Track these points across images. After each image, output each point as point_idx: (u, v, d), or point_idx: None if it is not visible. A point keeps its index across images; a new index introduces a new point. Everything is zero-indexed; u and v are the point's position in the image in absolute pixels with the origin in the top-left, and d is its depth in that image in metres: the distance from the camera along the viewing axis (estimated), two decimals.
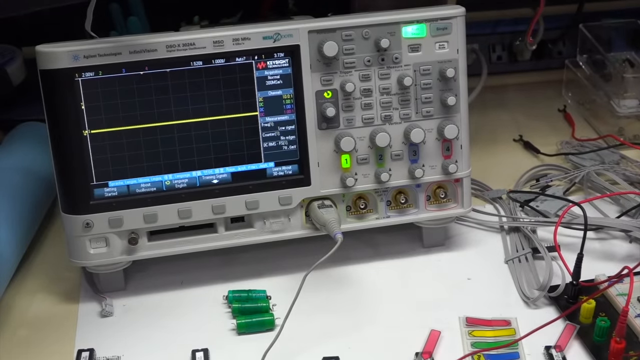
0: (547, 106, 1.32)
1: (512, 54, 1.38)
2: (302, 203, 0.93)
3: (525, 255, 0.95)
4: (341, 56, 0.90)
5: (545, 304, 0.90)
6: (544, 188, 1.10)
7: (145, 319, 0.90)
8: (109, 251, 0.90)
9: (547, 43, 1.36)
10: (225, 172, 0.91)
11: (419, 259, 0.98)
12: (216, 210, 0.91)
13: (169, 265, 0.96)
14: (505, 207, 1.06)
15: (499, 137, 1.23)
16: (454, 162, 0.94)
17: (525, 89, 1.37)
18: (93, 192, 0.89)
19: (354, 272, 0.96)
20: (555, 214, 1.04)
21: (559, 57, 1.37)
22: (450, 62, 0.92)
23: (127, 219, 0.89)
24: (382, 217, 0.96)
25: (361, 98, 0.91)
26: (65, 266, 0.95)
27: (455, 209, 0.97)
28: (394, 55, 0.91)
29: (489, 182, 1.11)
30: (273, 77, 0.90)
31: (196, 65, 0.88)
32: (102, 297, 0.92)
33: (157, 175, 0.90)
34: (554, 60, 1.38)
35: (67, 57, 0.84)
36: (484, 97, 1.27)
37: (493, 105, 1.32)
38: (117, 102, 0.87)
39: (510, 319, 0.87)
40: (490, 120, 1.28)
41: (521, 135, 1.23)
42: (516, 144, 1.22)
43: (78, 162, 0.87)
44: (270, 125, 0.91)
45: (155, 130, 0.88)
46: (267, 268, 0.97)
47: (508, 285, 0.93)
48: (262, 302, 0.89)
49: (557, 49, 1.38)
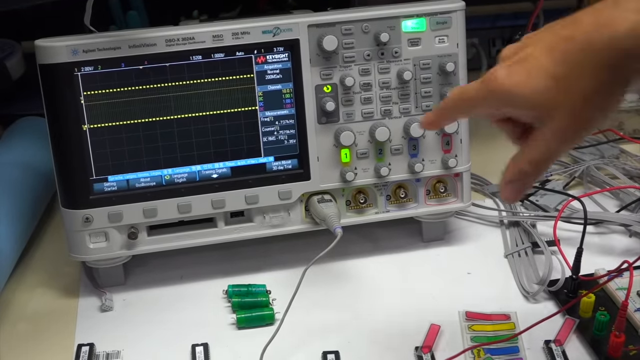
0: None
1: None
2: (302, 197, 0.93)
3: (524, 249, 0.95)
4: (341, 50, 0.90)
5: (545, 298, 0.90)
6: (543, 182, 1.10)
7: (145, 314, 0.90)
8: (108, 246, 0.90)
9: None
10: (225, 167, 0.91)
11: (419, 253, 0.98)
12: (216, 205, 0.91)
13: (169, 259, 0.96)
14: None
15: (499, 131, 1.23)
16: (454, 156, 0.94)
17: None
18: (92, 187, 0.89)
19: (354, 266, 0.96)
20: (555, 208, 1.04)
21: None
22: (450, 57, 0.92)
23: (127, 213, 0.89)
24: (381, 211, 0.96)
25: (361, 92, 0.91)
26: (65, 261, 0.95)
27: (454, 203, 0.97)
28: (394, 49, 0.91)
29: (488, 176, 1.11)
30: (272, 71, 0.90)
31: (195, 59, 0.87)
32: (101, 292, 0.92)
33: (156, 170, 0.89)
34: None
35: (67, 52, 0.84)
36: None
37: None
38: (117, 96, 0.87)
39: (509, 313, 0.87)
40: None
41: None
42: None
43: (77, 157, 0.87)
44: (269, 120, 0.91)
45: (154, 125, 0.88)
46: (267, 262, 0.97)
47: (508, 280, 0.93)
48: (262, 297, 0.90)
49: None
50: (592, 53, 0.61)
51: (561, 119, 0.64)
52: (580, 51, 0.62)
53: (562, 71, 0.63)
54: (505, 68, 0.66)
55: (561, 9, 1.33)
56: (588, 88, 0.62)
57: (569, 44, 0.63)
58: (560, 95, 0.63)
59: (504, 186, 0.70)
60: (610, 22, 0.60)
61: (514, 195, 0.70)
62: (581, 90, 0.62)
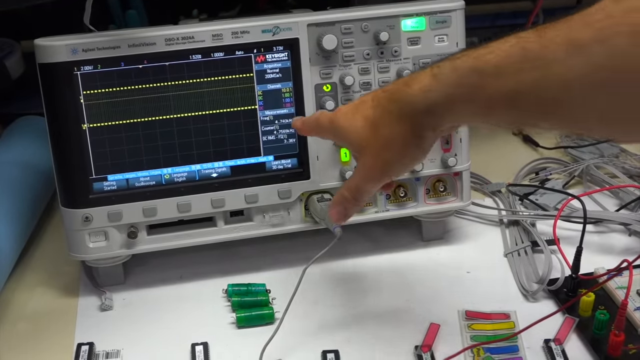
0: None
1: None
2: (302, 197, 0.93)
3: (524, 248, 0.95)
4: (340, 49, 0.90)
5: (545, 297, 0.90)
6: (543, 181, 1.10)
7: (145, 313, 0.90)
8: (108, 245, 0.90)
9: None
10: (225, 166, 0.91)
11: (418, 252, 0.99)
12: (215, 204, 0.91)
13: (168, 259, 0.96)
14: (505, 200, 1.07)
15: (498, 131, 1.23)
16: (454, 155, 0.94)
17: None
18: (92, 186, 0.89)
19: (353, 265, 0.96)
20: (555, 207, 1.04)
21: None
22: None
23: (127, 212, 0.89)
24: (381, 210, 0.96)
25: (360, 91, 0.91)
26: (64, 260, 0.95)
27: (454, 202, 0.97)
28: (394, 48, 0.91)
29: (488, 175, 1.11)
30: (272, 70, 0.90)
31: (195, 58, 0.87)
32: (101, 291, 0.92)
33: (156, 169, 0.89)
34: None
35: (66, 51, 0.84)
36: None
37: None
38: (116, 95, 0.87)
39: (509, 312, 0.87)
40: None
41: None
42: (515, 137, 1.22)
43: (77, 156, 0.87)
44: (269, 119, 0.91)
45: (154, 124, 0.88)
46: (267, 262, 0.97)
47: (507, 279, 0.93)
48: (262, 296, 0.90)
49: None
50: (395, 103, 0.71)
51: (367, 157, 0.75)
52: (387, 100, 0.72)
53: (373, 115, 0.73)
54: (347, 106, 0.78)
55: (560, 7, 1.34)
56: (388, 134, 0.72)
57: (384, 93, 0.73)
58: (371, 136, 0.74)
59: (331, 206, 0.81)
60: (410, 81, 0.70)
61: (337, 216, 0.81)
62: (384, 134, 0.72)
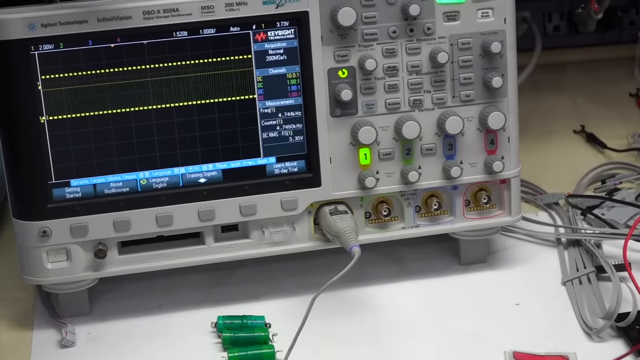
0: (615, 89, 1.32)
1: (573, 24, 1.38)
2: (310, 208, 0.93)
3: (587, 275, 0.95)
4: (360, 26, 0.90)
5: (612, 336, 0.90)
6: (611, 192, 1.10)
7: (114, 351, 0.90)
8: (70, 266, 0.91)
9: (617, 10, 1.36)
10: (215, 169, 0.91)
11: (455, 278, 0.99)
12: (203, 217, 0.91)
13: (145, 284, 0.97)
14: (563, 215, 1.07)
15: (556, 127, 1.24)
16: (500, 158, 0.94)
17: (588, 68, 1.37)
18: (51, 193, 0.89)
19: (374, 294, 0.97)
20: (626, 224, 1.04)
21: (631, 29, 1.37)
22: (496, 34, 0.92)
23: (93, 226, 0.89)
24: (409, 226, 0.96)
25: (384, 78, 0.92)
26: (16, 284, 0.95)
27: (500, 216, 0.97)
28: (426, 25, 0.91)
29: (542, 184, 1.11)
30: (275, 51, 0.90)
31: (180, 36, 0.88)
32: (61, 323, 0.92)
33: (130, 173, 0.90)
34: (624, 32, 1.38)
35: (21, 26, 0.85)
36: (538, 77, 1.27)
37: (548, 88, 1.32)
38: (82, 81, 0.87)
39: (568, 355, 0.87)
40: (544, 106, 1.28)
41: (583, 125, 1.23)
42: (577, 136, 1.23)
43: (33, 156, 0.88)
44: (271, 112, 0.91)
45: (128, 117, 0.88)
46: (266, 289, 0.97)
47: (566, 313, 0.93)
48: (260, 331, 0.90)
49: (629, 18, 1.38)
50: None
51: None
52: None
53: None
54: None
55: None
56: None
57: None
58: None
59: None
60: None
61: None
62: None
